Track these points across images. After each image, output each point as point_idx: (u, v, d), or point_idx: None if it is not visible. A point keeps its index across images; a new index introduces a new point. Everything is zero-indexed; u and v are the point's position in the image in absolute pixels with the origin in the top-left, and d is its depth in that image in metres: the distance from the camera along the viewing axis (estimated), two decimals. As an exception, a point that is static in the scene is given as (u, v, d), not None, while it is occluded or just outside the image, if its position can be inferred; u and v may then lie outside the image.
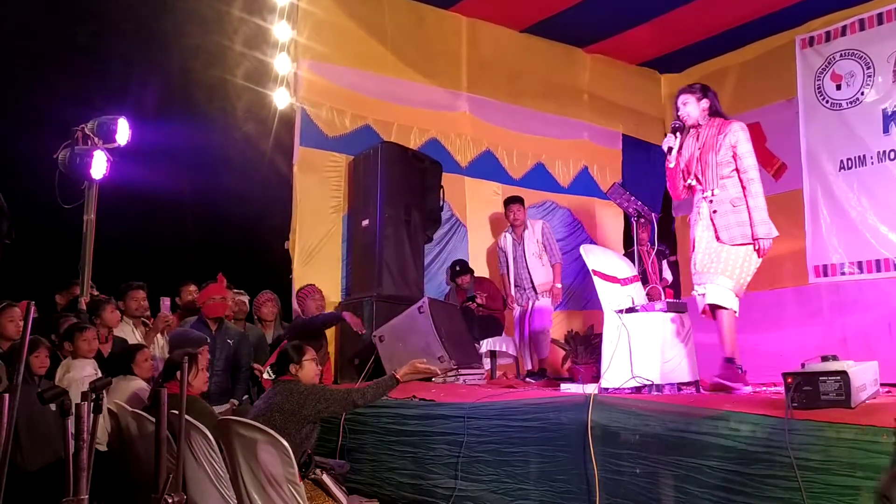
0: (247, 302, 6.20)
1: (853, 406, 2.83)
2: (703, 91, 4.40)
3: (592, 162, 8.33)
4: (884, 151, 6.64)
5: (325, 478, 3.57)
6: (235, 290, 6.02)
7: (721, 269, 4.16)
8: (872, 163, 6.70)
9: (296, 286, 6.23)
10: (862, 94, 6.84)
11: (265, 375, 4.93)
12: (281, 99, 6.49)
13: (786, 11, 7.04)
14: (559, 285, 6.62)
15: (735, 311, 4.18)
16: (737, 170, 4.22)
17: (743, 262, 4.17)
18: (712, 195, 4.25)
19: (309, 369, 3.93)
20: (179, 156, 6.49)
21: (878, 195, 6.62)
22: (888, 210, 6.54)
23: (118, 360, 4.56)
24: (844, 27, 6.99)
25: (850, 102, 6.92)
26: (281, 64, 6.47)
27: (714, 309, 4.21)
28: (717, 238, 4.21)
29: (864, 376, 3.16)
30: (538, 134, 7.90)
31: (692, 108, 4.38)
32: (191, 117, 6.64)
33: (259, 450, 3.16)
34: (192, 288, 5.99)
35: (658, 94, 8.74)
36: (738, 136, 4.22)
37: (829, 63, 7.10)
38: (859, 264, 6.71)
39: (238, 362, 5.44)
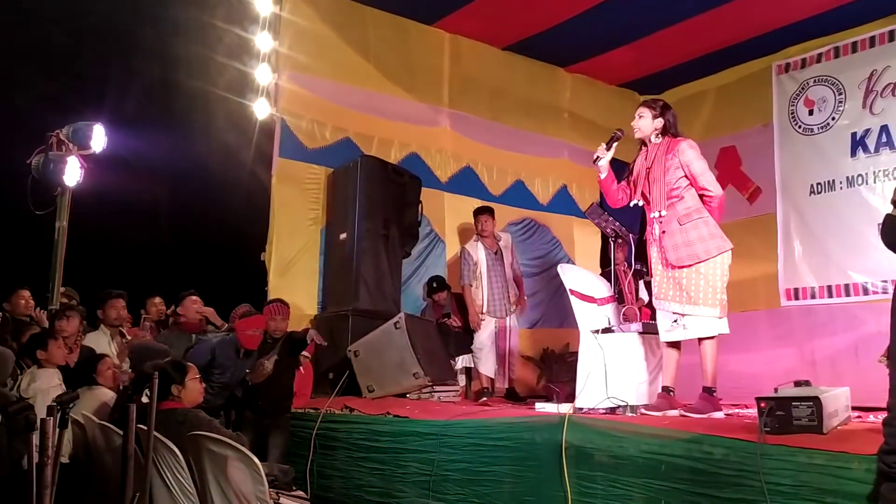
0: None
1: (825, 432, 2.85)
2: (663, 110, 4.26)
3: (572, 181, 8.37)
4: (852, 176, 6.75)
5: (284, 501, 3.50)
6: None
7: (693, 297, 4.06)
8: (842, 187, 6.81)
9: (271, 297, 6.13)
10: (833, 118, 6.96)
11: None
12: (261, 110, 6.45)
13: (764, 38, 7.15)
14: (525, 297, 6.60)
15: (720, 334, 4.07)
16: (692, 187, 4.11)
17: (707, 278, 4.04)
18: (660, 216, 4.15)
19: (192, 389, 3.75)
20: (157, 164, 6.40)
21: (845, 220, 6.71)
22: (855, 235, 6.61)
23: (80, 370, 4.44)
24: (820, 54, 7.12)
25: (822, 127, 7.03)
26: (262, 74, 6.44)
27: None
28: (666, 261, 4.12)
29: (837, 402, 3.19)
30: (518, 151, 7.93)
31: (645, 123, 4.27)
32: (169, 126, 6.56)
33: (229, 467, 3.11)
34: (158, 300, 5.88)
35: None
36: (688, 155, 4.08)
37: (802, 89, 7.22)
38: (829, 289, 6.80)
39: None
